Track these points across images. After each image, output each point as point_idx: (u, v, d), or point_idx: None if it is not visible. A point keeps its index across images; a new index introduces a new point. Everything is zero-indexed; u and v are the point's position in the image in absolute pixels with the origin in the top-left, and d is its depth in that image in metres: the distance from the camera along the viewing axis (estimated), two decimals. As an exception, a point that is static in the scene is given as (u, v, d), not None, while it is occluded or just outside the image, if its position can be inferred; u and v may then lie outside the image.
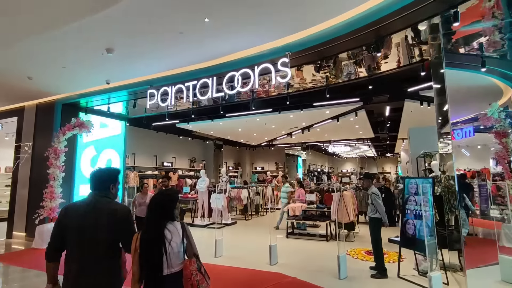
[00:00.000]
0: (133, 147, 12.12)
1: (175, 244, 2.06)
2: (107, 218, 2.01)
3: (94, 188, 2.18)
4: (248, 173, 20.30)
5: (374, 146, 20.17)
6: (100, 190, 2.16)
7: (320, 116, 9.76)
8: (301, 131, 12.51)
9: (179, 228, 2.14)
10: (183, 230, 2.16)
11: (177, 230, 2.12)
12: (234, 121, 10.68)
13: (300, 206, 8.56)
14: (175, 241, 2.07)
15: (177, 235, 2.10)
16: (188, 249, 2.19)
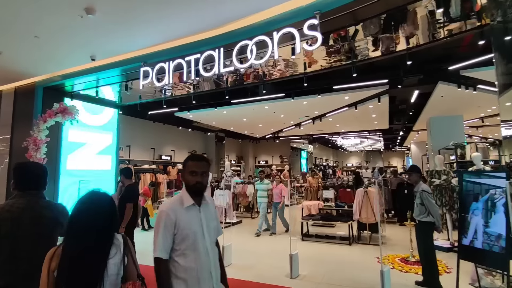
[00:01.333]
0: (128, 139, 11.04)
1: (113, 265, 1.50)
2: None
3: None
4: (251, 167, 19.27)
5: (384, 138, 19.14)
6: None
7: (338, 102, 8.68)
8: (312, 121, 11.43)
9: (120, 242, 1.60)
10: (125, 245, 1.61)
11: (118, 244, 1.58)
12: (239, 110, 9.59)
13: (317, 204, 7.54)
14: (115, 261, 1.52)
15: (118, 252, 1.55)
16: (130, 270, 1.60)
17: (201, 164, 1.88)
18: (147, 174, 11.16)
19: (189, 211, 1.83)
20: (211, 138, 16.03)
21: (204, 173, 1.88)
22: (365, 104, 9.00)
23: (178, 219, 1.78)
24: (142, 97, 8.62)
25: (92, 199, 1.55)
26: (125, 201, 4.46)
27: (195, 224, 1.83)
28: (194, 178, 1.84)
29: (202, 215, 1.87)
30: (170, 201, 1.89)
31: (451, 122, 10.87)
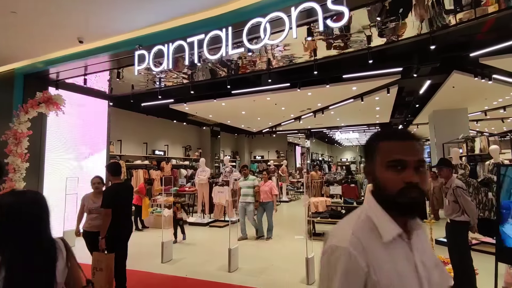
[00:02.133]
0: (119, 133, 10.35)
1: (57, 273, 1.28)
2: None
3: None
4: (247, 162, 18.75)
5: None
6: None
7: (345, 93, 8.24)
8: (313, 114, 10.99)
9: (62, 248, 1.36)
10: (67, 250, 1.38)
11: (60, 250, 1.34)
12: (239, 102, 9.05)
13: (324, 201, 7.11)
14: (58, 269, 1.29)
15: (61, 258, 1.32)
16: (75, 278, 1.37)
17: (415, 147, 0.90)
18: (139, 170, 10.52)
19: (393, 250, 0.87)
20: (206, 133, 15.42)
21: (422, 166, 0.89)
22: (371, 95, 8.59)
23: (374, 268, 0.82)
24: (135, 87, 7.98)
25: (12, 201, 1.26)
26: (101, 205, 3.53)
27: (407, 278, 0.85)
28: (405, 177, 0.87)
29: (416, 256, 0.89)
30: (350, 226, 0.91)
31: (455, 115, 10.62)
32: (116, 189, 3.70)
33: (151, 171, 11.15)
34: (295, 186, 15.77)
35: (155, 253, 5.54)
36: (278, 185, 13.19)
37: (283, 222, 9.15)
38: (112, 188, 3.69)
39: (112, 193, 3.62)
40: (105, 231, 3.48)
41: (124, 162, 9.93)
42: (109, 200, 3.53)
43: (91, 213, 3.79)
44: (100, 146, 8.26)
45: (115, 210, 3.54)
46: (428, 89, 8.31)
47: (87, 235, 3.78)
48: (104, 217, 3.48)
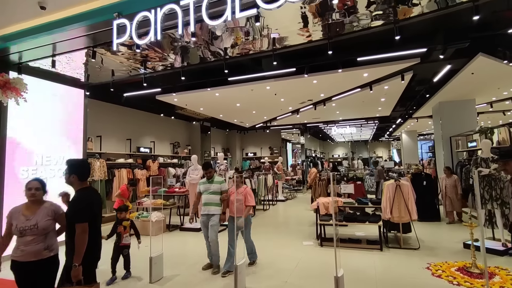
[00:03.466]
0: (98, 128, 9.20)
1: None
2: None
3: None
4: (239, 159, 17.83)
5: (378, 127, 18.42)
6: None
7: (355, 80, 7.43)
8: (314, 106, 10.17)
9: None
10: None
11: None
12: (235, 91, 8.11)
13: (336, 202, 6.28)
14: None
15: None
16: None
17: None
18: (122, 169, 9.40)
19: None
20: (196, 128, 14.37)
21: None
22: (381, 84, 7.84)
23: None
24: (116, 73, 6.89)
25: None
26: (73, 219, 2.54)
27: None
28: None
29: None
30: None
31: (462, 107, 10.05)
32: (91, 196, 2.72)
33: (135, 170, 10.04)
34: (290, 184, 14.99)
35: (142, 270, 4.56)
36: (274, 183, 12.37)
37: (285, 225, 8.30)
38: (86, 195, 2.68)
39: (88, 201, 2.63)
40: (81, 255, 2.49)
41: (104, 160, 8.80)
42: (86, 211, 2.56)
43: (24, 235, 2.61)
44: (76, 143, 7.12)
45: (93, 224, 2.59)
46: (441, 78, 7.62)
47: (19, 267, 2.63)
48: (78, 236, 2.49)
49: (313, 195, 8.20)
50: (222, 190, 4.72)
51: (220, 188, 4.72)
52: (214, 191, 4.70)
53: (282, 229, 7.75)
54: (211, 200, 4.68)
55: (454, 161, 9.81)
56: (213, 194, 4.69)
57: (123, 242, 4.55)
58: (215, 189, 4.70)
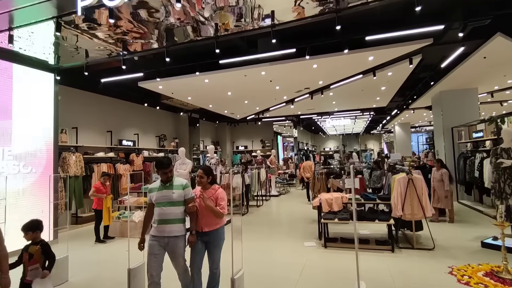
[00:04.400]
0: (74, 118, 8.28)
1: None
2: None
3: None
4: (229, 153, 17.09)
5: (372, 119, 18.00)
6: None
7: (358, 65, 6.79)
8: (310, 95, 9.51)
9: None
10: None
11: None
12: (227, 77, 7.35)
13: (340, 198, 5.69)
14: None
15: None
16: None
17: None
18: (102, 164, 8.52)
19: None
20: (183, 120, 13.50)
21: None
22: (385, 70, 7.24)
23: None
24: (91, 55, 6.01)
25: None
26: None
27: None
28: None
29: None
30: None
31: (464, 96, 9.64)
32: None
33: (117, 165, 9.17)
34: (283, 178, 14.39)
35: (121, 283, 3.83)
36: (267, 177, 11.73)
37: (282, 223, 7.68)
38: None
39: None
40: None
41: (81, 154, 7.91)
42: None
43: None
44: (45, 135, 6.23)
45: None
46: (449, 63, 7.09)
47: None
48: None
49: (311, 190, 7.60)
50: (187, 199, 3.12)
51: (183, 196, 3.10)
52: (175, 201, 3.06)
53: (278, 227, 7.12)
54: (171, 215, 3.04)
55: (455, 152, 9.41)
56: (174, 205, 3.06)
57: (28, 279, 2.89)
58: (177, 198, 3.07)
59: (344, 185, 6.96)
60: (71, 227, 7.78)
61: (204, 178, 3.23)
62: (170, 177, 3.10)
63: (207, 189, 3.25)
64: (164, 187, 3.10)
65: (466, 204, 8.73)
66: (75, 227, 7.79)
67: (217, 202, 3.15)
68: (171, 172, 3.13)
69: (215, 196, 3.19)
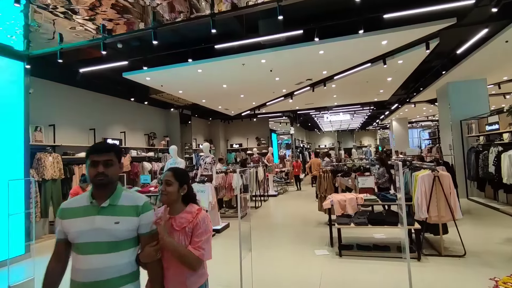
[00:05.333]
0: (51, 115, 7.40)
1: None
2: None
3: None
4: (223, 151, 16.34)
5: (370, 114, 17.50)
6: None
7: (369, 50, 6.13)
8: (312, 88, 8.85)
9: None
10: None
11: None
12: (222, 66, 6.61)
13: (355, 199, 5.03)
14: None
15: None
16: None
17: None
18: (84, 166, 7.69)
19: None
20: (174, 117, 12.67)
21: None
22: (396, 58, 6.63)
23: None
24: (66, 38, 5.19)
25: None
26: None
27: None
28: None
29: None
30: None
31: (472, 88, 9.15)
32: None
33: (102, 166, 8.31)
34: (281, 177, 13.74)
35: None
36: (265, 176, 11.04)
37: (286, 227, 6.97)
38: None
39: None
40: None
41: (59, 155, 7.05)
42: None
43: None
44: (14, 133, 5.38)
45: None
46: (465, 50, 6.53)
47: None
48: None
49: (318, 190, 6.93)
50: (143, 234, 1.59)
51: (136, 227, 1.57)
52: (119, 240, 1.51)
53: (283, 232, 6.44)
54: (110, 271, 1.48)
55: (465, 146, 8.90)
56: (117, 248, 1.50)
57: None
58: (124, 232, 1.52)
59: (354, 184, 6.33)
60: (48, 236, 6.96)
61: (173, 187, 1.71)
62: (110, 184, 1.54)
63: (177, 211, 1.74)
64: (95, 209, 1.50)
65: (478, 201, 8.23)
66: (53, 237, 6.93)
67: (191, 239, 1.67)
68: (115, 171, 1.56)
69: (192, 225, 1.68)
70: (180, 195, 1.75)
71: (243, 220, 3.86)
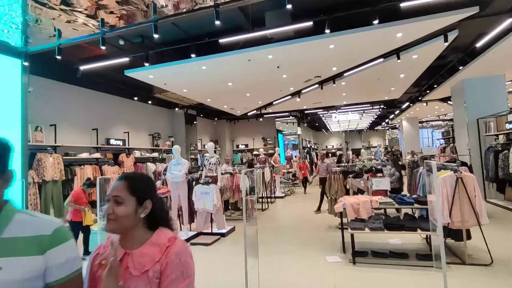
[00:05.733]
0: (52, 115, 7.23)
1: None
2: None
3: None
4: (229, 152, 16.07)
5: (380, 114, 17.05)
6: None
7: (382, 44, 5.79)
8: (320, 85, 8.52)
9: None
10: None
11: None
12: (227, 62, 6.33)
13: (369, 202, 4.68)
14: None
15: None
16: None
17: None
18: (87, 166, 7.47)
19: None
20: (179, 118, 12.45)
21: None
22: (410, 52, 6.27)
23: None
24: (64, 34, 4.99)
25: None
26: None
27: None
28: None
29: None
30: None
31: (490, 84, 8.71)
32: None
33: (104, 167, 8.13)
34: (288, 178, 13.41)
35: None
36: (271, 177, 10.72)
37: (294, 231, 6.63)
38: None
39: None
40: None
41: (60, 156, 6.86)
42: None
43: None
44: (12, 133, 5.18)
45: None
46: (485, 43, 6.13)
47: None
48: None
49: (327, 192, 6.59)
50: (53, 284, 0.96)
51: (40, 269, 0.93)
52: None
53: (291, 237, 6.10)
54: None
55: (482, 146, 8.46)
56: None
57: None
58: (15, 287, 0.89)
59: (367, 186, 5.98)
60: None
61: (126, 207, 1.09)
62: None
63: (135, 243, 1.11)
64: None
65: (497, 204, 7.78)
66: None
67: None
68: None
69: (161, 266, 1.05)
70: (140, 218, 1.11)
71: (249, 223, 3.57)
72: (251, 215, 3.93)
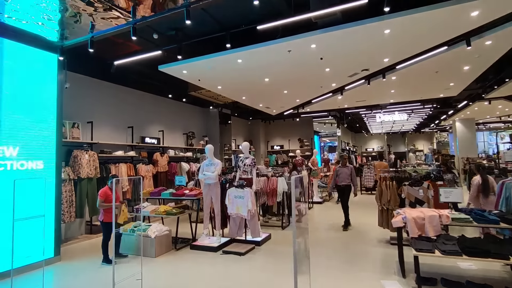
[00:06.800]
0: (89, 112, 7.22)
1: None
2: None
3: None
4: (263, 153, 15.55)
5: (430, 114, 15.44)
6: None
7: (450, 27, 4.84)
8: (367, 81, 7.64)
9: None
10: None
11: None
12: (265, 54, 5.77)
13: (437, 217, 3.82)
14: None
15: None
16: None
17: None
18: (121, 164, 7.38)
19: None
20: (214, 117, 12.18)
21: None
22: (484, 37, 5.24)
23: None
24: (96, 25, 4.78)
25: None
26: None
27: None
28: None
29: None
30: None
31: None
32: None
33: (139, 165, 8.01)
34: (326, 182, 12.51)
35: None
36: (309, 181, 9.97)
37: (337, 244, 5.82)
38: None
39: None
40: None
41: (96, 153, 6.78)
42: None
43: None
44: (47, 128, 5.10)
45: None
46: None
47: None
48: None
49: (378, 201, 5.74)
50: None
51: None
52: None
53: (334, 251, 5.35)
54: None
55: None
56: None
57: None
58: None
59: (427, 196, 5.05)
60: (85, 237, 6.71)
61: None
62: None
63: None
64: None
65: None
66: (89, 237, 6.68)
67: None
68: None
69: None
70: None
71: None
72: (300, 226, 3.28)
